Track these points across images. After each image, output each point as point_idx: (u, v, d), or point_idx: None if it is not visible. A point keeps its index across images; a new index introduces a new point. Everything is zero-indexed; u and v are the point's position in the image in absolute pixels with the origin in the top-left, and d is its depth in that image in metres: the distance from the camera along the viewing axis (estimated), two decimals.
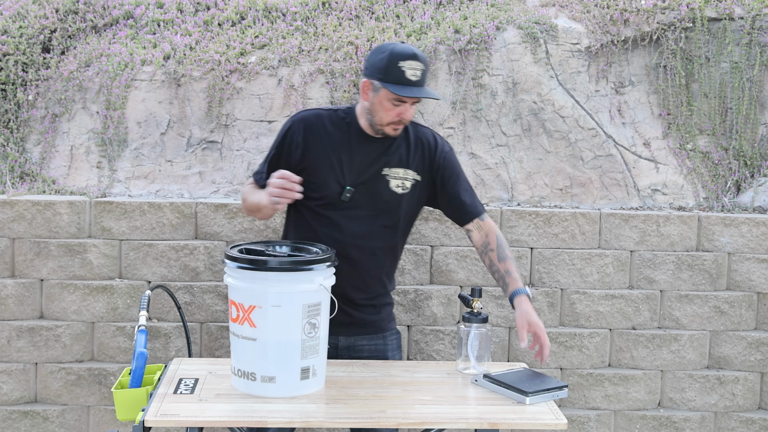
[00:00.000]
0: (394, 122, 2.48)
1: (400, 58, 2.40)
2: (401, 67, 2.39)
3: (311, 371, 2.26)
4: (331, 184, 2.54)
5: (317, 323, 2.26)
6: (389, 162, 2.56)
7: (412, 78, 2.40)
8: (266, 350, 2.22)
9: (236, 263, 2.22)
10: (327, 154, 2.54)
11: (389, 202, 2.56)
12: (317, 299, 2.25)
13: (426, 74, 2.45)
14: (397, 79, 2.40)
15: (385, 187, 2.55)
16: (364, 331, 2.65)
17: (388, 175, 2.56)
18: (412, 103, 2.46)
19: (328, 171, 2.54)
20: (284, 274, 2.20)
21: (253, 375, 2.23)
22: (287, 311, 2.20)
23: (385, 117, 2.48)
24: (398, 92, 2.39)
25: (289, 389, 2.24)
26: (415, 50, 2.43)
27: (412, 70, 2.40)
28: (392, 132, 2.51)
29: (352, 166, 2.54)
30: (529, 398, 2.24)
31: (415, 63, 2.40)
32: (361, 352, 2.65)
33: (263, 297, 2.19)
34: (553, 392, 2.28)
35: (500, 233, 2.64)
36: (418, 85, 2.42)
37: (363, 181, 2.54)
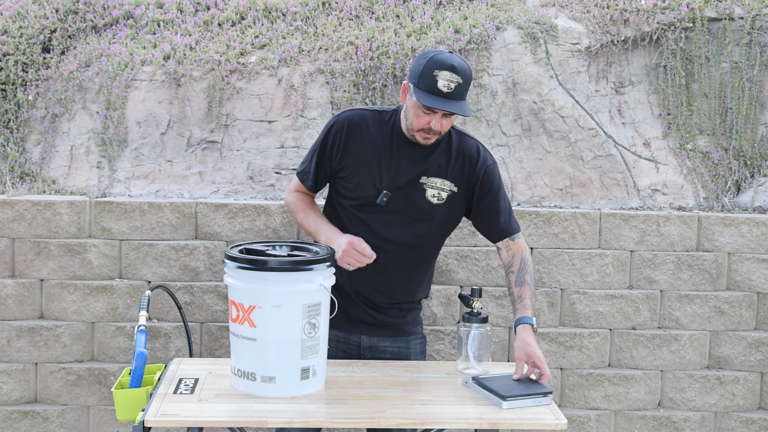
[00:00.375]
0: (424, 130, 2.40)
1: (437, 67, 2.32)
2: (435, 76, 2.32)
3: (311, 371, 2.26)
4: (368, 187, 2.51)
5: (317, 323, 2.26)
6: (428, 170, 2.50)
7: (443, 89, 2.31)
8: (266, 350, 2.22)
9: (236, 263, 2.22)
10: (367, 156, 2.50)
11: (424, 211, 2.52)
12: (317, 299, 2.25)
13: (463, 88, 2.35)
14: (429, 87, 2.32)
15: (421, 196, 2.51)
16: (386, 333, 2.63)
17: (425, 184, 2.51)
18: (444, 115, 2.37)
19: (366, 173, 2.50)
20: (284, 274, 2.20)
21: (253, 375, 2.23)
22: (287, 311, 2.21)
23: (415, 123, 2.41)
24: (422, 100, 2.32)
25: (289, 389, 2.24)
26: (455, 62, 2.33)
27: (445, 81, 2.31)
28: (422, 140, 2.44)
29: (391, 170, 2.50)
30: (505, 403, 2.22)
31: (450, 75, 2.31)
32: (383, 353, 2.64)
33: (263, 297, 2.19)
34: (535, 398, 2.26)
35: (528, 256, 2.56)
36: (450, 97, 2.33)
37: (400, 186, 2.50)
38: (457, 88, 2.33)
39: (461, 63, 2.36)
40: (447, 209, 2.54)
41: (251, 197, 3.57)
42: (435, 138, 2.44)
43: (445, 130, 2.43)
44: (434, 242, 2.62)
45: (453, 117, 2.41)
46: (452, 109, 2.33)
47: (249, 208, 3.39)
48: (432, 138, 2.44)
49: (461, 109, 2.36)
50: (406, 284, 2.61)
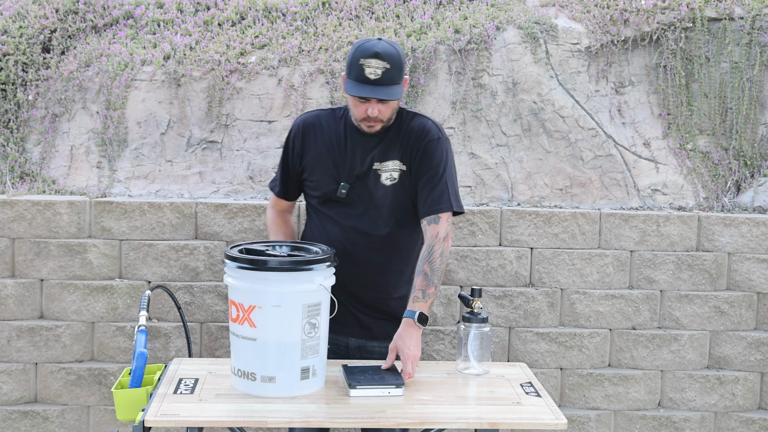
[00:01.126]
0: (365, 119, 2.46)
1: (362, 56, 2.38)
2: (362, 65, 2.38)
3: (311, 371, 2.26)
4: (328, 182, 2.57)
5: (317, 323, 2.26)
6: (379, 156, 2.55)
7: (370, 76, 2.37)
8: (266, 350, 2.21)
9: (236, 263, 2.22)
10: (323, 152, 2.58)
11: (382, 196, 2.56)
12: (317, 299, 2.25)
13: (392, 72, 2.39)
14: (357, 77, 2.39)
15: (377, 182, 2.56)
16: (373, 335, 2.64)
17: (379, 170, 2.56)
18: (379, 101, 2.41)
19: (324, 169, 2.57)
20: (284, 274, 2.20)
21: (253, 375, 2.23)
22: (287, 311, 2.20)
23: (355, 113, 2.48)
24: (349, 90, 2.40)
25: (289, 389, 2.24)
26: (380, 48, 2.37)
27: (371, 69, 2.37)
28: (367, 129, 2.50)
29: (346, 162, 2.56)
30: (352, 391, 2.24)
31: (376, 61, 2.36)
32: (372, 353, 2.65)
33: (263, 297, 2.19)
34: (384, 388, 2.25)
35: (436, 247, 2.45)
36: (378, 83, 2.37)
37: (358, 176, 2.56)
38: (385, 74, 2.37)
39: (387, 48, 2.39)
40: (400, 188, 2.55)
41: (251, 197, 3.57)
42: (379, 125, 2.48)
43: (385, 116, 2.46)
44: (399, 224, 2.59)
45: (390, 102, 2.44)
46: (379, 95, 2.37)
47: (249, 208, 3.39)
48: (376, 125, 2.48)
49: (389, 94, 2.39)
50: (384, 273, 2.60)
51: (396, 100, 2.45)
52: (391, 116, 2.49)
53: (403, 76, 2.46)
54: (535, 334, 3.47)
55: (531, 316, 3.48)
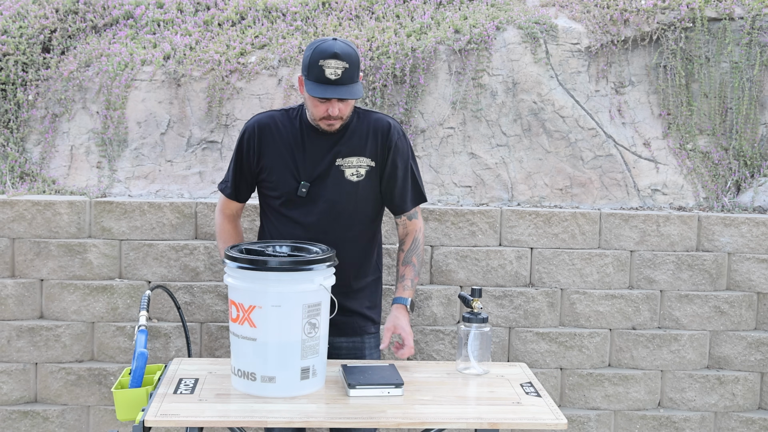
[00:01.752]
0: (325, 118, 2.49)
1: (321, 56, 2.40)
2: (321, 66, 2.40)
3: (311, 371, 2.26)
4: (287, 181, 2.58)
5: (317, 323, 2.26)
6: (341, 152, 2.57)
7: (331, 77, 2.40)
8: (266, 350, 2.22)
9: (236, 263, 2.22)
10: (280, 152, 2.58)
11: (347, 192, 2.57)
12: (317, 299, 2.25)
13: (351, 72, 2.42)
14: (317, 77, 2.41)
15: (341, 177, 2.57)
16: (340, 332, 2.62)
17: (342, 165, 2.57)
18: (339, 100, 2.45)
19: (284, 168, 2.58)
20: (284, 274, 2.20)
21: (253, 375, 2.23)
22: (287, 311, 2.20)
23: (315, 113, 2.50)
24: (312, 92, 2.42)
25: (289, 389, 2.24)
26: (337, 48, 2.40)
27: (331, 69, 2.39)
28: (326, 127, 2.52)
29: (306, 160, 2.57)
30: (352, 391, 2.25)
31: (335, 62, 2.39)
32: (340, 350, 2.66)
33: (263, 297, 2.19)
34: (384, 388, 2.27)
35: (420, 238, 2.68)
36: (339, 83, 2.40)
37: (318, 174, 2.57)
38: (345, 73, 2.41)
39: (345, 48, 2.42)
40: (369, 184, 2.61)
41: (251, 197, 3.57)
42: (339, 123, 2.52)
43: (345, 114, 2.51)
44: (365, 220, 2.65)
45: (350, 101, 2.50)
46: (341, 95, 2.41)
47: (249, 208, 3.39)
48: (336, 123, 2.52)
49: (351, 93, 2.43)
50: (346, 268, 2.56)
51: (355, 99, 2.49)
52: (349, 113, 2.55)
53: (360, 73, 2.50)
54: (535, 334, 3.48)
55: (531, 316, 3.48)
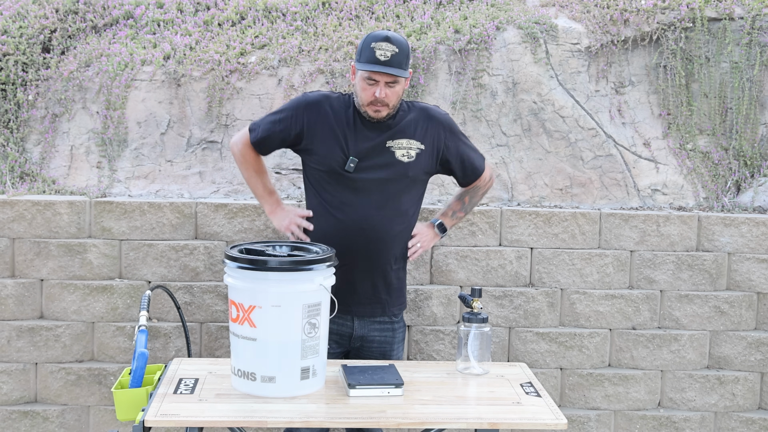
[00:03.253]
0: (372, 102, 2.58)
1: (373, 40, 2.56)
2: (373, 48, 2.55)
3: (311, 371, 2.26)
4: (336, 154, 2.64)
5: (317, 323, 2.26)
6: (392, 135, 2.67)
7: (381, 57, 2.54)
8: (266, 350, 2.21)
9: (236, 263, 2.22)
10: (332, 128, 2.66)
11: (397, 171, 2.66)
12: (317, 299, 2.25)
13: (400, 57, 2.56)
14: (368, 59, 2.55)
15: (391, 157, 2.66)
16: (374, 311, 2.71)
17: (392, 147, 2.66)
18: (386, 84, 2.56)
19: (333, 142, 2.65)
20: (284, 274, 2.20)
21: (253, 375, 2.23)
22: (287, 311, 2.20)
23: (363, 96, 2.60)
24: (362, 67, 2.55)
25: (289, 389, 2.24)
26: (390, 34, 2.57)
27: (381, 50, 2.54)
28: (373, 113, 2.61)
29: (357, 141, 2.65)
30: (352, 391, 2.26)
31: (386, 44, 2.54)
32: (372, 342, 2.74)
33: (263, 297, 2.19)
34: (384, 388, 2.28)
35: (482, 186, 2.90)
36: (387, 64, 2.54)
37: (366, 151, 2.64)
38: (394, 57, 2.55)
39: (396, 36, 2.59)
40: (418, 166, 2.71)
41: (251, 197, 3.57)
42: (385, 110, 2.62)
43: (391, 100, 2.61)
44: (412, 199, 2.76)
45: (397, 87, 2.60)
46: (390, 71, 2.54)
47: (249, 208, 3.39)
48: (382, 110, 2.61)
49: (398, 72, 2.56)
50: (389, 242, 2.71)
51: (401, 87, 2.60)
52: (396, 103, 2.64)
53: (409, 67, 2.62)
54: (535, 334, 3.48)
55: (531, 316, 3.48)
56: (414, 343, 3.45)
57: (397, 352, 2.81)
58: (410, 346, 3.46)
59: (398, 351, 2.82)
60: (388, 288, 2.74)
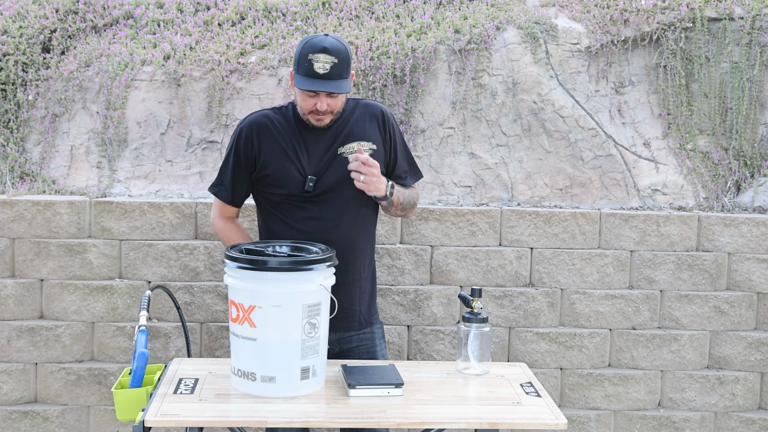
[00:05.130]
0: (313, 112, 2.51)
1: (310, 51, 2.44)
2: (311, 60, 2.43)
3: (311, 371, 2.26)
4: (293, 177, 2.57)
5: (317, 323, 2.26)
6: (341, 140, 2.60)
7: (319, 71, 2.43)
8: (266, 350, 2.22)
9: (236, 263, 2.22)
10: (282, 148, 2.58)
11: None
12: (317, 299, 2.25)
13: (340, 67, 2.45)
14: (306, 72, 2.45)
15: (344, 163, 2.58)
16: (350, 326, 2.66)
17: (344, 152, 2.59)
18: (327, 95, 2.47)
19: (288, 165, 2.57)
20: (284, 274, 2.20)
21: (253, 375, 2.23)
22: (287, 311, 2.20)
23: (303, 107, 2.53)
24: (300, 85, 2.46)
25: (289, 389, 2.24)
26: (327, 43, 2.44)
27: (320, 63, 2.43)
28: (315, 122, 2.54)
29: (309, 154, 2.58)
30: (352, 391, 2.25)
31: (324, 56, 2.43)
32: (350, 343, 2.69)
33: (263, 297, 2.19)
34: (384, 388, 2.27)
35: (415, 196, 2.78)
36: (327, 78, 2.44)
37: (323, 166, 2.58)
38: (333, 68, 2.44)
39: (335, 43, 2.46)
40: None
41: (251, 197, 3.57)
42: (328, 118, 2.54)
43: (335, 109, 2.53)
44: (370, 204, 2.69)
45: (339, 96, 2.51)
46: (329, 89, 2.44)
47: (249, 208, 3.39)
48: (324, 118, 2.54)
49: (339, 88, 2.46)
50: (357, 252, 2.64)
51: (344, 94, 2.51)
52: (340, 109, 2.56)
53: (350, 71, 2.52)
54: (535, 334, 3.48)
55: (531, 316, 3.48)
56: (414, 343, 3.45)
57: (380, 349, 2.75)
58: (410, 346, 3.46)
59: (381, 348, 2.76)
60: (361, 298, 2.67)
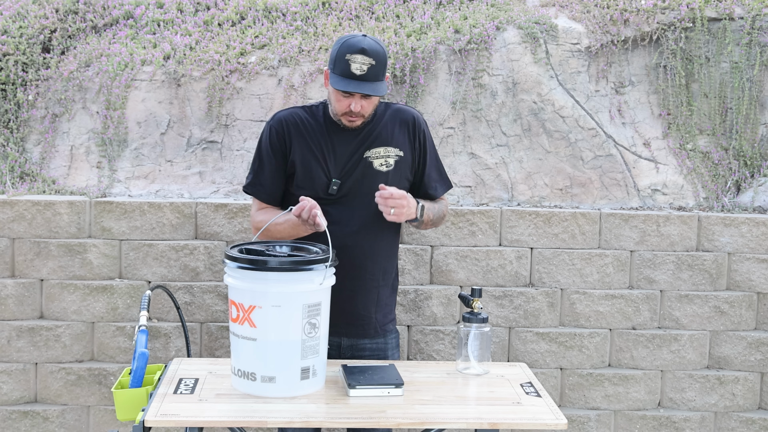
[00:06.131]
0: (346, 113, 2.48)
1: (348, 51, 2.40)
2: (348, 60, 2.40)
3: (311, 371, 2.26)
4: (319, 178, 2.55)
5: (317, 323, 2.26)
6: (368, 144, 2.57)
7: (356, 72, 2.40)
8: (266, 350, 2.22)
9: (236, 263, 2.22)
10: (310, 148, 2.55)
11: (376, 183, 2.54)
12: (317, 299, 2.25)
13: (377, 69, 2.42)
14: (343, 72, 2.42)
15: (369, 169, 2.56)
16: (365, 332, 2.65)
17: (369, 157, 2.57)
18: (362, 97, 2.45)
19: (315, 165, 2.55)
20: (284, 274, 2.19)
21: (253, 375, 2.23)
22: (287, 311, 2.20)
23: (337, 107, 2.50)
24: (336, 85, 2.42)
25: (289, 389, 2.24)
26: (366, 44, 2.40)
27: (357, 65, 2.40)
28: (347, 123, 2.52)
29: (335, 156, 2.56)
30: (352, 391, 2.25)
31: (362, 57, 2.40)
32: (363, 351, 2.67)
33: (263, 297, 2.19)
34: (384, 388, 2.27)
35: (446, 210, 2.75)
36: (363, 79, 2.41)
37: (348, 170, 2.56)
38: (370, 70, 2.41)
39: (373, 45, 2.43)
40: (398, 174, 2.61)
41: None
42: (360, 120, 2.51)
43: (367, 111, 2.50)
44: None
45: (373, 98, 2.49)
46: (366, 91, 2.42)
47: (249, 208, 3.39)
48: (356, 120, 2.51)
49: (375, 90, 2.43)
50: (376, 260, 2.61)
51: (378, 97, 2.48)
52: (372, 112, 2.54)
53: (386, 73, 2.50)
54: (535, 334, 3.48)
55: (531, 316, 3.48)
56: (414, 343, 3.45)
57: (393, 358, 2.73)
58: (410, 346, 3.46)
59: (394, 357, 2.74)
60: (377, 305, 2.65)
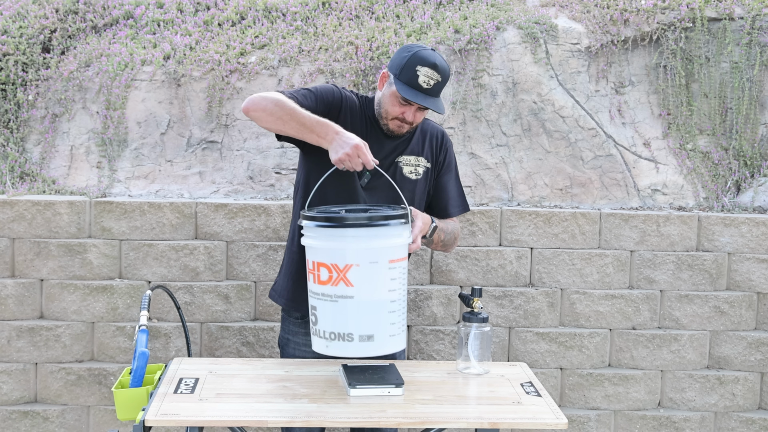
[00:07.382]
0: (398, 119, 2.49)
1: (420, 63, 2.41)
2: (417, 71, 2.41)
3: (398, 328, 2.25)
4: None
5: (402, 279, 2.26)
6: (401, 150, 2.60)
7: (423, 84, 2.42)
8: (364, 308, 2.19)
9: (321, 223, 2.17)
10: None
11: (406, 189, 2.57)
12: (403, 254, 2.25)
13: (441, 86, 2.46)
14: (409, 81, 2.42)
15: (399, 173, 2.59)
16: None
17: (400, 162, 2.59)
18: (418, 109, 2.47)
19: None
20: (382, 228, 2.18)
21: (351, 335, 2.19)
22: (381, 268, 2.19)
23: (390, 111, 2.50)
24: (402, 92, 2.42)
25: (383, 347, 2.22)
26: (438, 60, 2.43)
27: (425, 77, 2.41)
28: (395, 128, 2.52)
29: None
30: (353, 390, 2.25)
31: (432, 72, 2.41)
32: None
33: (364, 253, 2.17)
34: (384, 387, 2.27)
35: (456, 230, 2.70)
36: (428, 93, 2.43)
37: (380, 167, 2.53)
38: (436, 86, 2.44)
39: (443, 62, 2.45)
40: (423, 184, 2.64)
41: (251, 197, 3.57)
42: (407, 128, 2.54)
43: (418, 122, 2.53)
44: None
45: (426, 111, 2.52)
46: (429, 105, 2.44)
47: (249, 208, 3.39)
48: (405, 127, 2.53)
49: (436, 106, 2.47)
50: None
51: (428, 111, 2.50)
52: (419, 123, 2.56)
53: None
54: (535, 334, 3.48)
55: (531, 316, 3.48)
56: (414, 343, 3.45)
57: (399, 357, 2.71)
58: (410, 346, 3.46)
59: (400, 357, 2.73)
60: None
